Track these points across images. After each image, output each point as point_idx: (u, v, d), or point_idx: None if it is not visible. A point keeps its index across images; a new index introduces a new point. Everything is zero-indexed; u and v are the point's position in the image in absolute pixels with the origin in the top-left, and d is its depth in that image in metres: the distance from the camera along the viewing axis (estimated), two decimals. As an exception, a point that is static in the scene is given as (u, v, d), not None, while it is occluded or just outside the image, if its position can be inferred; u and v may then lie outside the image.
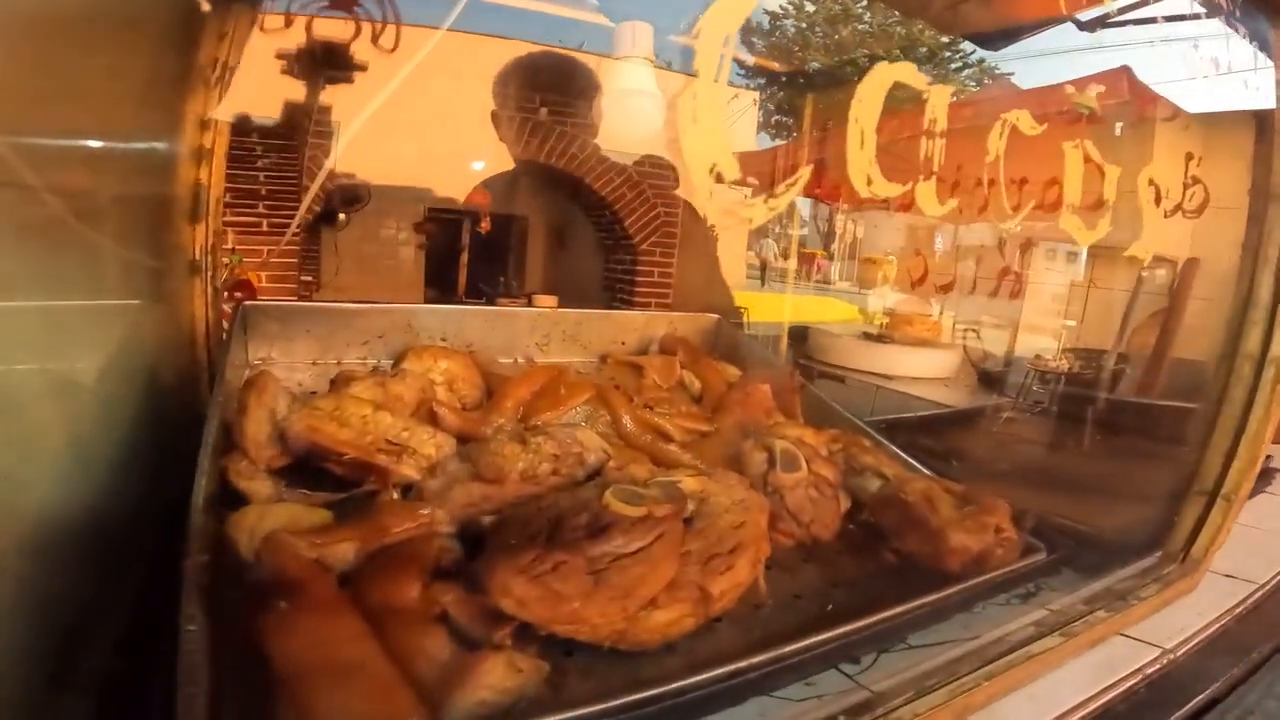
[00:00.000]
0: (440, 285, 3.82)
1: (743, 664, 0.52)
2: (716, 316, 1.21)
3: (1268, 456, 1.49)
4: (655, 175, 3.56)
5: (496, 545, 0.49)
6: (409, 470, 0.64)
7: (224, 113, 0.84)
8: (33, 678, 0.40)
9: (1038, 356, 2.45)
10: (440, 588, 0.50)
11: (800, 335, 2.38)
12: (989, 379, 2.02)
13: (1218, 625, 0.74)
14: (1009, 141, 0.80)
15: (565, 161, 3.39)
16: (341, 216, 3.41)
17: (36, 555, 0.44)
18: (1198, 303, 2.50)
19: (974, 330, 2.13)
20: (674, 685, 0.48)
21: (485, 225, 3.75)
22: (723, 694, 0.51)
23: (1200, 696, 0.63)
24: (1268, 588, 0.85)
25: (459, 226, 3.90)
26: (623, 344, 1.12)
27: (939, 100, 0.45)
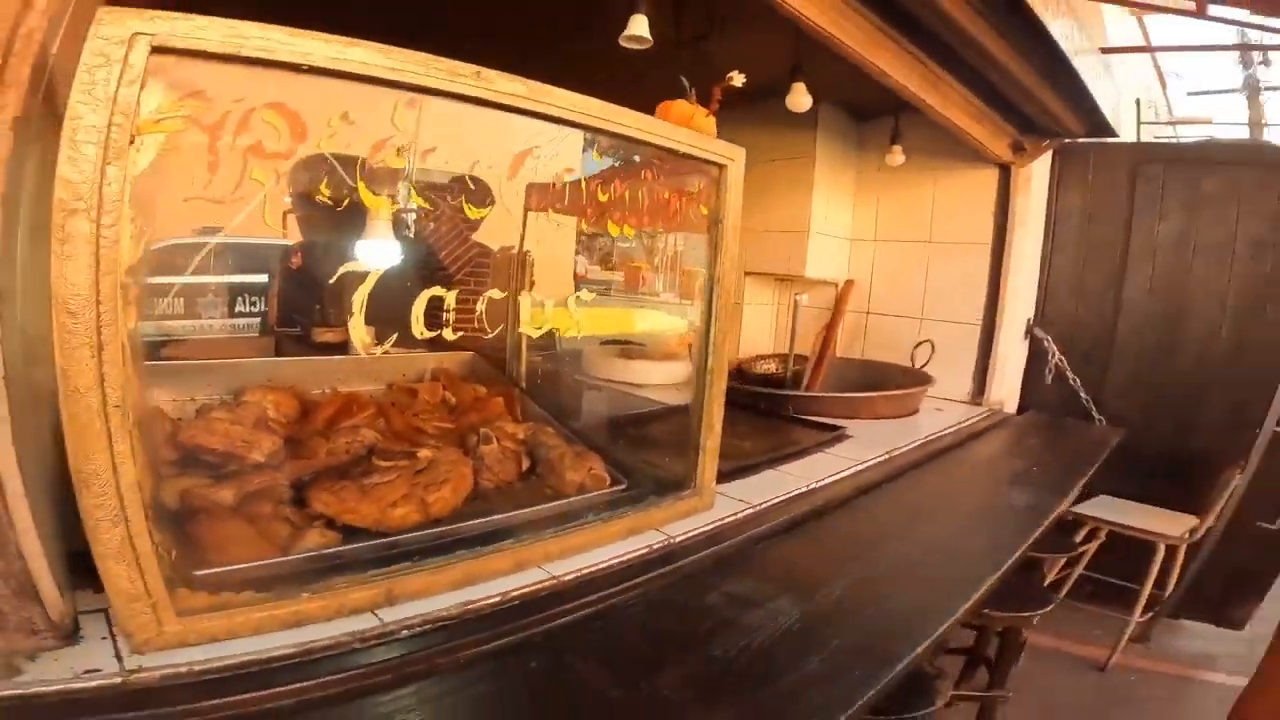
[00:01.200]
0: (250, 316, 3.93)
1: (444, 529, 1.09)
2: (472, 353, 1.78)
3: (841, 426, 2.35)
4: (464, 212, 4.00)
5: (313, 482, 1.02)
6: (258, 456, 1.13)
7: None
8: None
9: (743, 361, 3.31)
10: (283, 507, 1.01)
11: (578, 353, 2.90)
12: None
13: (711, 526, 1.35)
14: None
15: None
16: (140, 252, 3.44)
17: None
18: (851, 315, 3.50)
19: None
20: (406, 536, 1.04)
21: (296, 260, 3.95)
22: (435, 548, 1.07)
23: (681, 562, 1.22)
24: (757, 509, 1.48)
25: (268, 261, 4.04)
26: (404, 375, 1.65)
27: (451, 298, 1.07)
